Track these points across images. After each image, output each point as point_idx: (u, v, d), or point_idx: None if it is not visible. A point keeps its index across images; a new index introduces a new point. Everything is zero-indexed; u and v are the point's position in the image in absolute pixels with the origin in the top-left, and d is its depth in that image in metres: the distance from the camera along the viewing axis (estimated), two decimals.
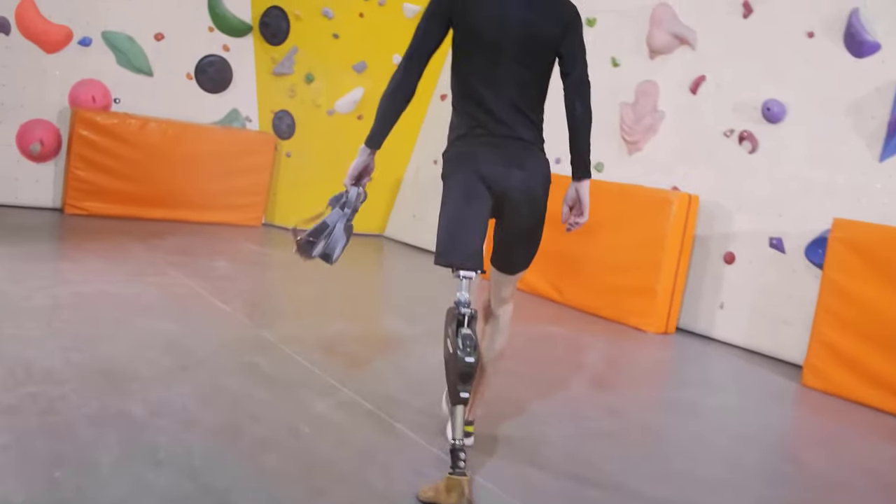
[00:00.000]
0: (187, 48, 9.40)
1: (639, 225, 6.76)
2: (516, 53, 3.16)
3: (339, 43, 9.30)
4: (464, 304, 3.06)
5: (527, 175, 3.18)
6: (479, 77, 3.18)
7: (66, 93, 8.80)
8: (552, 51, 3.26)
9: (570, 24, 3.28)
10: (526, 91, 3.24)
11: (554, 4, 3.25)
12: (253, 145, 9.55)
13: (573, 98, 3.35)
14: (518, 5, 3.15)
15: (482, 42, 3.15)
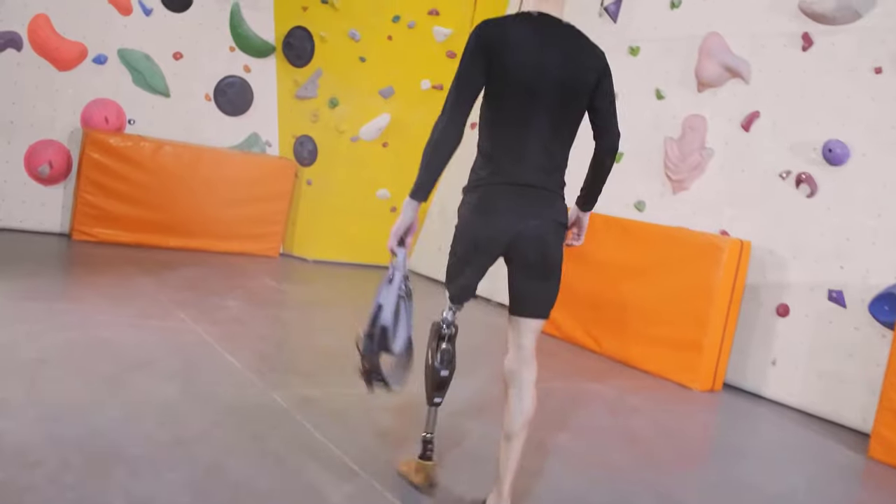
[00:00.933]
0: (207, 68, 8.99)
1: (685, 272, 6.22)
2: (550, 101, 3.14)
3: (366, 66, 8.85)
4: (447, 324, 3.37)
5: (541, 223, 3.16)
6: (510, 122, 3.15)
7: (79, 113, 8.40)
8: (585, 101, 3.24)
9: (604, 74, 3.27)
10: (554, 139, 3.21)
11: (589, 53, 3.25)
12: (272, 171, 9.11)
13: (605, 153, 3.40)
14: (556, 53, 3.13)
15: (517, 88, 3.11)
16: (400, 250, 3.15)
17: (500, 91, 3.15)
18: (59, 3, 8.15)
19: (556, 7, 3.22)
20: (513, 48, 3.10)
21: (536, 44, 3.11)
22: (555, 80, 3.11)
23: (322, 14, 8.89)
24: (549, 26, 3.18)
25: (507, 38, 3.12)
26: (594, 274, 6.82)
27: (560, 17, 3.24)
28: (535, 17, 3.19)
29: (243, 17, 9.03)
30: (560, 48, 3.15)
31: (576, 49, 3.20)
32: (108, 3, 8.39)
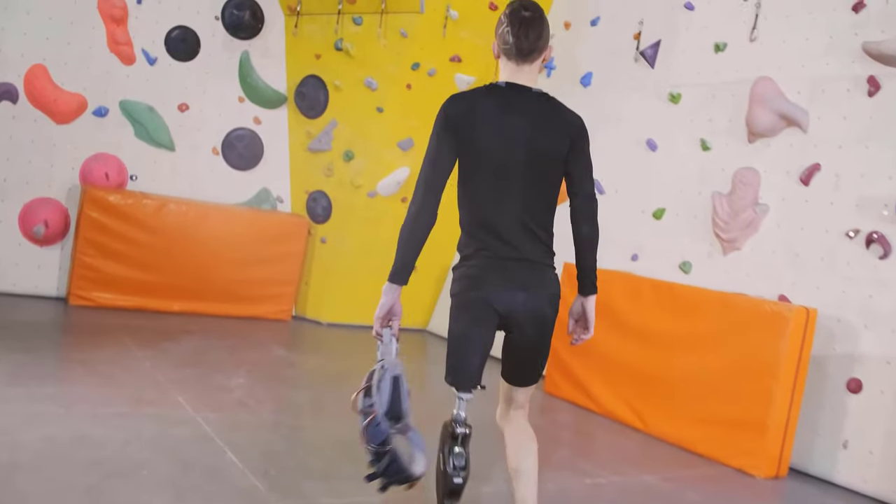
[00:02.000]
0: (214, 120, 8.47)
1: (744, 343, 5.55)
2: (522, 173, 3.12)
3: (384, 117, 8.29)
4: (460, 423, 3.18)
5: (532, 296, 3.16)
6: (485, 198, 3.15)
7: (77, 169, 7.88)
8: (559, 168, 3.20)
9: (577, 140, 3.20)
10: (533, 210, 3.17)
11: (559, 120, 3.19)
12: (284, 229, 8.52)
13: (580, 219, 3.27)
14: (523, 124, 3.11)
15: (487, 162, 3.12)
16: (386, 332, 3.12)
17: (472, 167, 3.14)
18: (57, 53, 7.67)
19: (529, 77, 3.18)
20: (479, 123, 3.09)
21: (503, 116, 3.10)
22: (525, 151, 3.10)
23: (336, 62, 8.37)
24: (516, 96, 3.14)
25: (473, 113, 3.11)
26: (638, 343, 6.16)
27: (532, 85, 3.19)
28: (503, 87, 3.16)
29: (253, 66, 8.53)
30: (528, 118, 3.12)
31: (545, 117, 3.16)
32: (109, 53, 7.90)
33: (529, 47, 3.15)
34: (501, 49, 3.22)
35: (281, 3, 8.57)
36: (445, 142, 3.12)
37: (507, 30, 3.16)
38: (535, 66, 3.20)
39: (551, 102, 3.23)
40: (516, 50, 3.15)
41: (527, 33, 3.14)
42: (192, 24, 8.24)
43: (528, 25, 3.14)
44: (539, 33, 3.16)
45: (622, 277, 6.48)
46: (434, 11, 7.86)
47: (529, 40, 3.14)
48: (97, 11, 7.80)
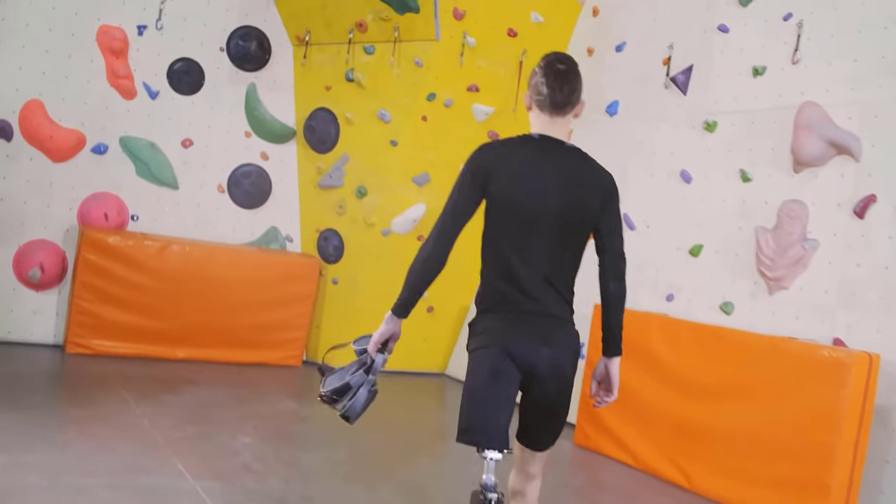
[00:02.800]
0: (219, 156, 8.09)
1: (798, 394, 5.04)
2: (553, 226, 3.07)
3: (398, 151, 7.85)
4: (490, 489, 3.03)
5: (555, 352, 3.11)
6: (511, 249, 3.10)
7: (75, 209, 7.47)
8: (590, 224, 3.15)
9: (609, 196, 3.17)
10: (559, 265, 3.12)
11: (592, 176, 3.16)
12: (294, 270, 8.07)
13: (608, 277, 3.22)
14: (556, 177, 3.08)
15: (519, 213, 3.07)
16: (380, 356, 3.23)
17: (499, 218, 3.09)
18: (54, 88, 7.29)
19: (561, 130, 3.14)
20: (512, 173, 3.07)
21: (537, 169, 3.07)
22: (556, 207, 3.06)
23: (347, 93, 7.96)
24: (550, 150, 3.12)
25: (506, 163, 3.09)
26: (679, 392, 5.66)
27: (564, 139, 3.15)
28: (537, 139, 3.14)
29: (260, 99, 8.14)
30: (561, 173, 3.09)
31: (578, 172, 3.13)
32: (109, 87, 7.52)
33: (563, 100, 3.12)
34: (534, 100, 3.17)
35: (289, 32, 8.20)
36: (471, 190, 3.10)
37: (541, 81, 3.14)
38: (566, 119, 3.17)
39: (584, 157, 3.20)
40: (550, 102, 3.12)
41: (561, 86, 3.11)
42: (195, 56, 7.86)
43: (563, 78, 3.12)
44: (573, 87, 3.14)
45: (659, 320, 5.98)
46: (450, 39, 7.45)
47: (564, 93, 3.11)
48: (96, 44, 7.42)
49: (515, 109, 7.68)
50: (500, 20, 7.50)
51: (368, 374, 3.23)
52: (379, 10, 7.51)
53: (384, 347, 3.23)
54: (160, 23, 7.64)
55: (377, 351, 3.23)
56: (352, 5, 7.65)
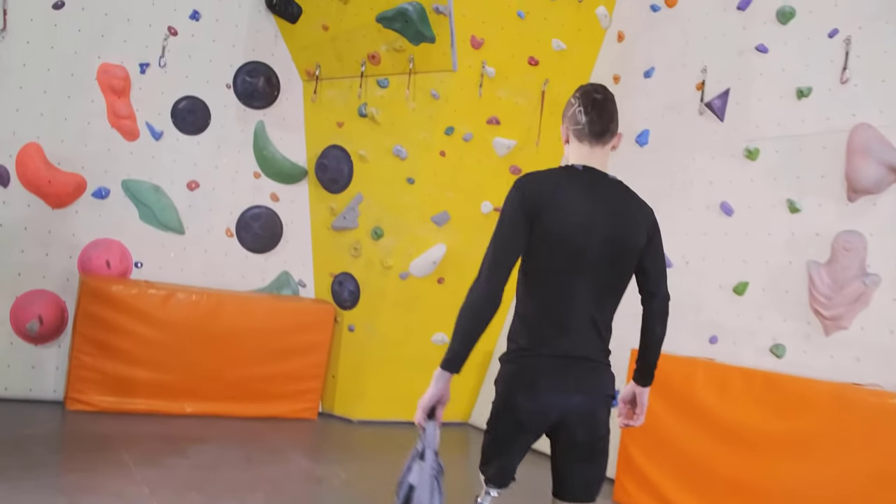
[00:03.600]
0: (227, 199, 7.69)
1: (866, 447, 4.52)
2: (597, 264, 2.97)
3: (415, 189, 7.41)
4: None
5: (588, 399, 3.01)
6: (553, 287, 3.00)
7: (76, 257, 7.06)
8: (633, 262, 3.06)
9: (653, 234, 3.09)
10: (602, 305, 3.03)
11: (638, 210, 3.08)
12: (308, 317, 7.61)
13: (656, 320, 3.17)
14: (604, 211, 2.98)
15: (563, 249, 2.96)
16: (430, 424, 2.91)
17: (544, 252, 2.98)
18: (53, 130, 6.92)
19: (601, 161, 3.07)
20: (559, 206, 2.95)
21: (584, 201, 2.97)
22: (603, 241, 2.96)
23: (361, 129, 7.56)
24: (596, 182, 3.03)
25: (554, 195, 2.97)
26: (730, 445, 5.13)
27: (605, 170, 3.07)
28: (581, 171, 3.05)
29: (269, 138, 7.75)
30: (608, 205, 3.00)
31: (625, 206, 3.05)
32: (110, 128, 7.15)
33: (603, 129, 3.04)
34: (572, 131, 3.09)
35: (298, 67, 7.83)
36: (520, 222, 2.95)
37: (579, 110, 3.06)
38: (606, 149, 3.09)
39: (628, 191, 3.10)
40: (589, 131, 3.04)
41: (600, 114, 3.04)
42: (201, 94, 7.50)
43: (601, 107, 3.05)
44: (612, 115, 3.08)
45: (704, 365, 5.48)
46: (468, 69, 7.04)
47: (603, 121, 3.04)
48: (96, 83, 7.07)
49: (539, 142, 7.25)
50: (520, 48, 7.10)
51: (423, 459, 2.90)
52: (392, 41, 7.13)
53: (432, 413, 2.92)
54: (163, 60, 7.30)
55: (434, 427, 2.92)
56: (363, 37, 7.28)
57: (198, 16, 7.42)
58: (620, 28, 7.19)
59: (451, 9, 6.75)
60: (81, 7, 7.00)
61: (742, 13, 6.18)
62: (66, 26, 6.95)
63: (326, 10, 7.39)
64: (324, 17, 7.45)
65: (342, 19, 7.34)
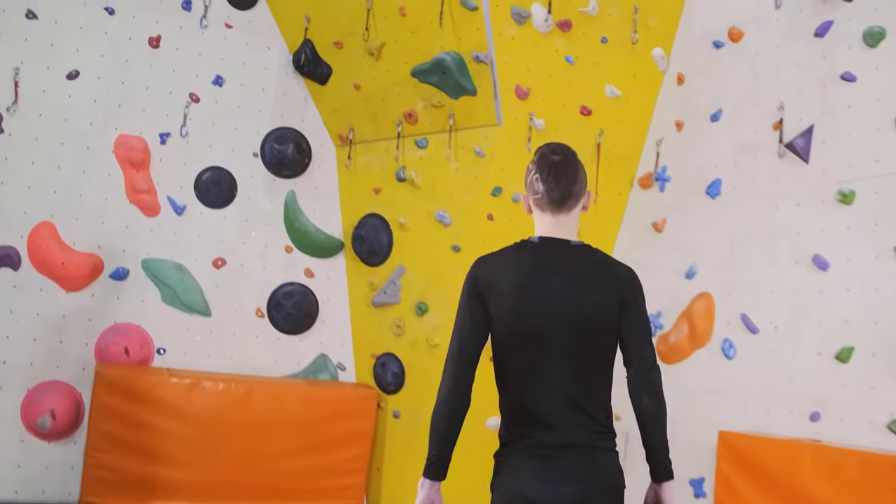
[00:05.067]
0: (257, 276, 7.10)
1: None
2: (565, 342, 2.82)
3: (462, 257, 6.70)
4: None
5: (583, 488, 2.80)
6: (522, 375, 2.87)
7: (92, 344, 6.52)
8: (610, 332, 2.88)
9: (630, 298, 2.90)
10: (583, 385, 2.87)
11: (607, 275, 2.91)
12: (348, 404, 6.90)
13: (639, 392, 2.90)
14: (562, 283, 2.86)
15: (522, 332, 2.83)
16: None
17: (504, 340, 2.87)
18: (67, 208, 6.48)
19: (568, 228, 2.93)
20: (509, 286, 2.84)
21: (537, 278, 2.85)
22: (566, 317, 2.82)
23: (400, 195, 6.93)
24: (552, 251, 2.91)
25: (502, 275, 2.87)
26: None
27: (570, 238, 2.94)
28: (536, 243, 2.95)
29: (301, 209, 7.18)
30: (567, 275, 2.87)
31: (588, 275, 2.89)
32: (128, 203, 6.66)
33: (563, 194, 2.91)
34: (532, 200, 2.99)
35: (330, 132, 7.29)
36: (472, 311, 2.92)
37: (535, 178, 2.94)
38: (572, 215, 2.96)
39: (595, 255, 2.97)
40: (548, 199, 2.93)
41: (558, 179, 2.91)
42: (226, 164, 6.98)
43: (559, 170, 2.92)
44: (573, 178, 2.93)
45: (810, 449, 4.61)
46: (514, 122, 6.40)
47: (561, 186, 2.91)
48: (113, 156, 6.62)
49: (596, 200, 6.54)
50: (570, 97, 6.44)
51: None
52: (430, 97, 6.53)
53: None
54: (185, 129, 6.82)
55: None
56: (398, 95, 6.71)
57: (221, 81, 6.96)
58: (680, 70, 6.50)
59: (493, 56, 6.15)
60: (97, 76, 6.60)
61: (821, 40, 5.45)
62: (81, 97, 6.55)
63: (357, 67, 6.85)
64: (355, 76, 6.91)
65: (375, 77, 6.79)
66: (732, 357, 5.69)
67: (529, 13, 6.18)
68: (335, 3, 6.80)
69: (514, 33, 6.21)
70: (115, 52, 6.65)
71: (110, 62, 6.63)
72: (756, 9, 5.93)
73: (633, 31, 6.41)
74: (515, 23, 6.20)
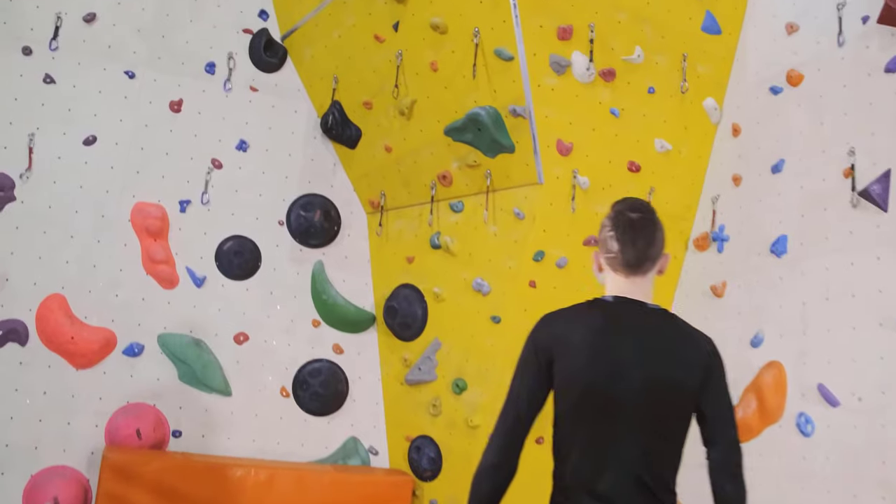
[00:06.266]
0: (282, 352, 6.61)
1: None
2: (637, 414, 2.63)
3: (502, 329, 6.16)
4: None
5: None
6: (586, 445, 2.69)
7: (102, 426, 6.03)
8: (688, 407, 2.70)
9: (712, 371, 2.72)
10: (652, 463, 2.65)
11: (687, 344, 2.74)
12: (381, 492, 6.34)
13: (722, 477, 2.69)
14: (638, 349, 2.67)
15: (589, 400, 2.67)
16: None
17: (568, 406, 2.73)
18: (79, 279, 6.08)
19: (643, 291, 2.77)
20: (578, 348, 2.69)
21: (611, 339, 2.69)
22: (640, 386, 2.63)
23: (434, 263, 6.46)
24: (628, 314, 2.73)
25: (571, 336, 2.71)
26: None
27: (647, 300, 2.77)
28: (609, 303, 2.79)
29: (329, 280, 6.73)
30: (644, 342, 2.68)
31: (669, 340, 2.72)
32: (145, 275, 6.25)
33: (639, 256, 2.76)
34: (605, 259, 2.87)
35: (360, 198, 6.89)
36: (532, 374, 2.78)
37: (610, 235, 2.82)
38: (647, 279, 2.80)
39: (674, 321, 2.81)
40: (623, 261, 2.79)
41: (634, 240, 2.76)
42: (249, 234, 6.59)
43: (636, 230, 2.78)
44: (650, 239, 2.79)
45: None
46: (556, 180, 5.91)
47: (637, 248, 2.76)
48: (129, 225, 6.25)
49: None
50: (617, 152, 5.96)
51: None
52: (464, 157, 6.10)
53: None
54: (206, 196, 6.46)
55: None
56: (431, 156, 6.30)
57: (245, 146, 6.62)
58: (735, 120, 6.02)
59: (531, 109, 5.70)
60: (115, 142, 6.28)
61: (893, 76, 4.94)
62: (98, 163, 6.23)
63: (388, 128, 6.48)
64: (385, 137, 6.53)
65: (406, 137, 6.40)
66: (810, 434, 5.02)
67: (569, 62, 5.74)
68: (364, 62, 6.48)
69: (554, 84, 5.77)
70: (135, 116, 6.36)
71: (129, 127, 6.33)
72: (816, 49, 5.46)
73: (682, 79, 5.97)
74: (555, 73, 5.76)
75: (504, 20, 5.59)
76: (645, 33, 5.87)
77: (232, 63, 6.64)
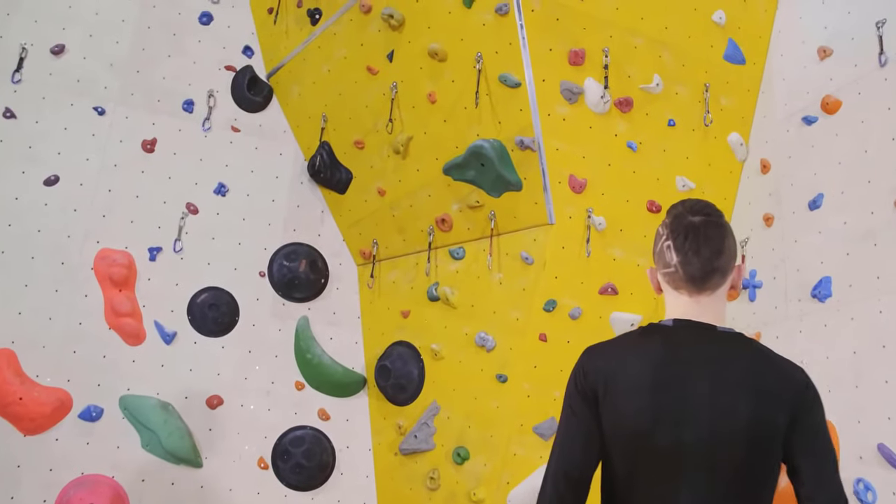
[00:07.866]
0: (261, 419, 5.92)
1: None
2: (708, 464, 2.18)
3: (508, 389, 5.52)
4: None
5: None
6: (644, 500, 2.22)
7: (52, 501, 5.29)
8: (772, 453, 2.22)
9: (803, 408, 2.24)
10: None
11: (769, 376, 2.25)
12: None
13: None
14: (705, 381, 2.21)
15: (647, 446, 2.21)
16: None
17: (620, 454, 2.26)
18: (32, 333, 5.42)
19: (711, 312, 2.31)
20: (630, 385, 2.24)
21: (670, 372, 2.23)
22: (709, 431, 2.17)
23: (432, 317, 5.86)
24: (692, 341, 2.27)
25: (620, 370, 2.28)
26: None
27: (718, 322, 2.32)
28: (670, 328, 2.33)
29: (314, 337, 6.09)
30: (713, 375, 2.22)
31: (745, 373, 2.23)
32: (107, 329, 5.60)
33: (704, 269, 2.30)
34: (661, 275, 2.39)
35: (350, 247, 6.31)
36: (581, 417, 2.30)
37: (667, 245, 2.35)
38: (717, 296, 2.33)
39: (753, 346, 2.30)
40: (685, 275, 2.32)
41: (697, 249, 2.30)
42: (226, 285, 5.96)
43: (699, 237, 2.30)
44: (718, 246, 2.31)
45: None
46: (569, 221, 5.35)
47: (702, 258, 2.29)
48: (92, 273, 5.63)
49: None
50: (635, 190, 5.43)
51: None
52: (465, 197, 5.56)
53: None
54: (179, 244, 5.87)
55: None
56: (429, 199, 5.76)
57: (224, 190, 6.06)
58: (763, 155, 5.51)
59: (541, 142, 5.19)
60: (79, 182, 5.72)
61: None
62: (59, 205, 5.65)
63: (382, 169, 5.95)
64: (378, 179, 5.99)
65: (401, 178, 5.87)
66: (871, 502, 4.36)
67: (582, 89, 5.26)
68: (355, 97, 5.99)
69: (566, 113, 5.26)
70: (103, 155, 5.81)
71: (96, 167, 5.78)
72: (854, 72, 4.99)
73: (704, 111, 5.49)
74: (566, 101, 5.26)
75: (510, 42, 5.12)
76: (664, 60, 5.42)
77: (212, 101, 6.15)
